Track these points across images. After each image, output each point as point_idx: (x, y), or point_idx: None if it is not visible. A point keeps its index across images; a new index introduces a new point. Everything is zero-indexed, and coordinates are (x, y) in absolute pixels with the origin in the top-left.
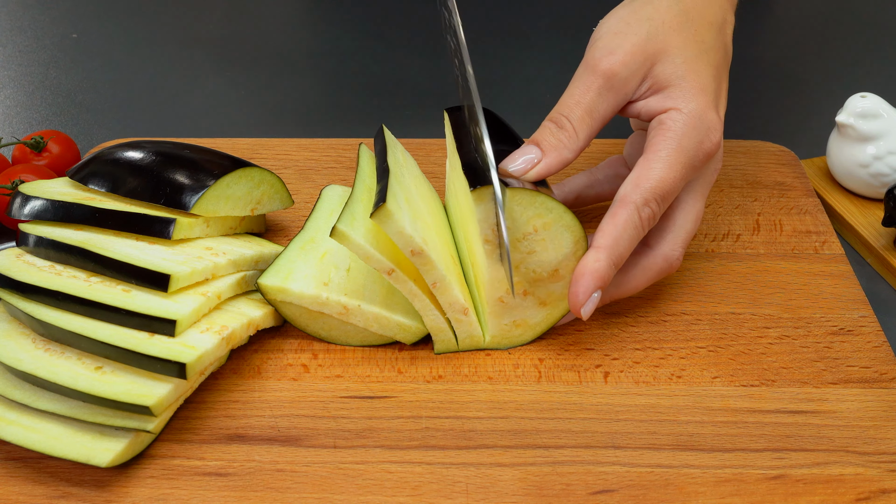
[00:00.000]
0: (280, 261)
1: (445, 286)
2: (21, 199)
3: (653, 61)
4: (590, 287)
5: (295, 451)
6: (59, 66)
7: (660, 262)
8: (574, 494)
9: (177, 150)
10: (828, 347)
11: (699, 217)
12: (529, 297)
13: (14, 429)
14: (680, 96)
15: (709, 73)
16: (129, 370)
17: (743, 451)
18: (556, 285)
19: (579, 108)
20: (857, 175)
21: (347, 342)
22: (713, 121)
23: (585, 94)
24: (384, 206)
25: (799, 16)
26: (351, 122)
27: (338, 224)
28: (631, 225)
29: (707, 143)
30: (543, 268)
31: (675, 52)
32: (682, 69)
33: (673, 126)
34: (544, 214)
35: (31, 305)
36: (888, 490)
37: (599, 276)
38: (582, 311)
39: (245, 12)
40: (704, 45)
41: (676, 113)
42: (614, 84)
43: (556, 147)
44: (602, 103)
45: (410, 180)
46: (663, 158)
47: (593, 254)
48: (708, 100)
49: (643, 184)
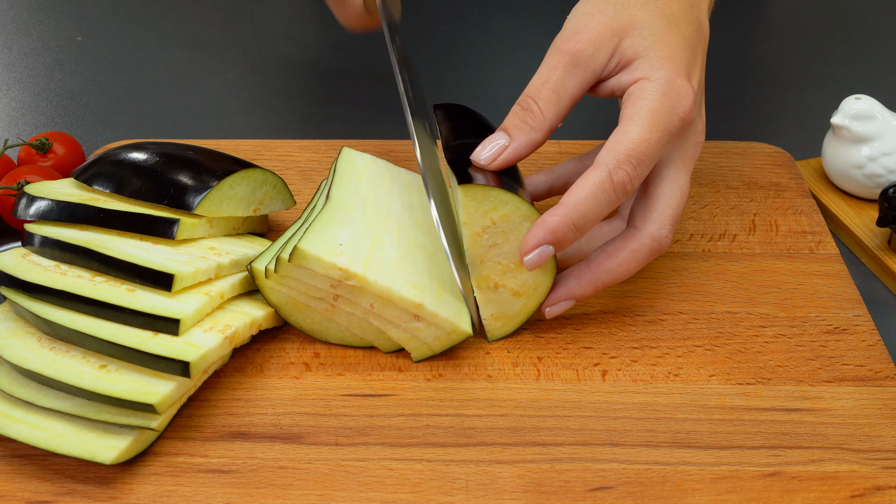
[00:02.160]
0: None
1: (384, 302)
2: (26, 199)
3: (620, 36)
4: (538, 236)
5: (297, 449)
6: (64, 68)
7: (648, 241)
8: (572, 491)
9: (180, 151)
10: (823, 346)
11: (684, 192)
12: (502, 289)
13: (20, 426)
14: (648, 66)
15: (679, 43)
16: (134, 368)
17: (739, 448)
18: (527, 275)
19: (545, 89)
20: (852, 176)
21: (326, 338)
22: (683, 86)
23: (552, 73)
24: (297, 248)
25: (794, 18)
26: (352, 123)
27: (300, 244)
28: (599, 186)
29: (680, 107)
30: (509, 259)
31: (642, 25)
32: (650, 41)
33: (642, 94)
34: (500, 207)
35: (36, 305)
36: (883, 487)
37: (550, 227)
38: (525, 260)
39: (248, 15)
40: (674, 18)
41: (645, 82)
42: (580, 61)
43: (522, 129)
44: (569, 81)
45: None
46: (637, 123)
47: (552, 209)
48: (677, 68)
49: (617, 147)
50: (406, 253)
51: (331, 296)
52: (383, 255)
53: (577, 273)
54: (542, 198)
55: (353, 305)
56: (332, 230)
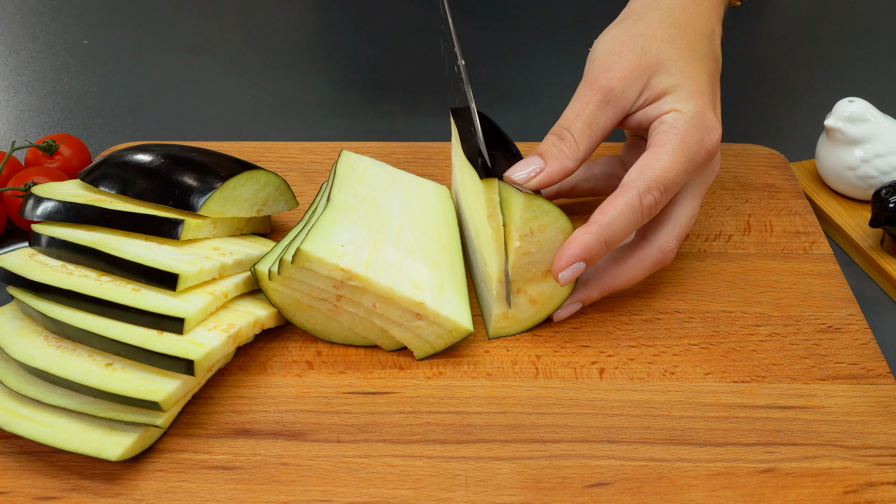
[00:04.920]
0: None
1: (386, 302)
2: (34, 200)
3: (649, 74)
4: (573, 254)
5: (299, 445)
6: (71, 71)
7: (655, 253)
8: (570, 487)
9: (185, 152)
10: (816, 345)
11: (694, 215)
12: (521, 294)
13: (27, 423)
14: (678, 100)
15: (704, 78)
16: (139, 367)
17: (734, 445)
18: (547, 285)
19: (579, 121)
20: (845, 177)
21: (330, 338)
22: (712, 120)
23: (585, 107)
24: (299, 250)
25: (788, 23)
26: (354, 125)
27: (302, 246)
28: (630, 208)
29: (708, 141)
30: (538, 268)
31: (670, 63)
32: (679, 77)
33: (675, 123)
34: (540, 217)
35: (43, 304)
36: (875, 483)
37: (585, 246)
38: (560, 276)
39: (251, 19)
40: (697, 54)
41: (677, 113)
42: (612, 98)
43: (557, 157)
44: (601, 116)
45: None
46: (668, 151)
47: (585, 227)
48: (706, 101)
49: (647, 172)
50: (406, 253)
51: (334, 296)
52: (384, 255)
53: (585, 277)
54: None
55: (356, 306)
56: (334, 232)
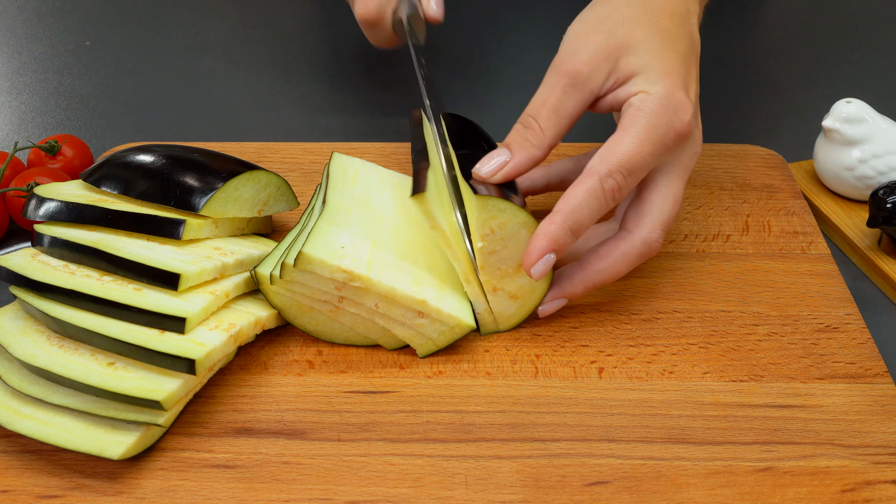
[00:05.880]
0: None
1: (389, 301)
2: (36, 200)
3: (617, 56)
4: (541, 247)
5: (300, 444)
6: (73, 72)
7: (639, 245)
8: (569, 486)
9: (186, 153)
10: (814, 344)
11: (678, 200)
12: (500, 292)
13: (29, 422)
14: (646, 81)
15: (674, 58)
16: (141, 366)
17: (732, 444)
18: (524, 279)
19: (545, 108)
20: (843, 178)
21: (331, 339)
22: (682, 100)
23: (551, 94)
24: (301, 252)
25: (786, 24)
26: (354, 126)
27: (304, 248)
28: (591, 193)
29: (677, 122)
30: (507, 264)
31: (637, 44)
32: (646, 58)
33: (642, 106)
34: (497, 215)
35: (45, 303)
36: (872, 482)
37: (551, 237)
38: (532, 270)
39: (252, 20)
40: (668, 34)
41: (645, 95)
42: (578, 82)
43: (523, 146)
44: (568, 101)
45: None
46: (632, 135)
47: (549, 217)
48: (675, 82)
49: (609, 157)
50: (405, 252)
51: (335, 298)
52: (384, 255)
53: (569, 273)
54: (539, 192)
55: (358, 306)
56: (333, 233)
